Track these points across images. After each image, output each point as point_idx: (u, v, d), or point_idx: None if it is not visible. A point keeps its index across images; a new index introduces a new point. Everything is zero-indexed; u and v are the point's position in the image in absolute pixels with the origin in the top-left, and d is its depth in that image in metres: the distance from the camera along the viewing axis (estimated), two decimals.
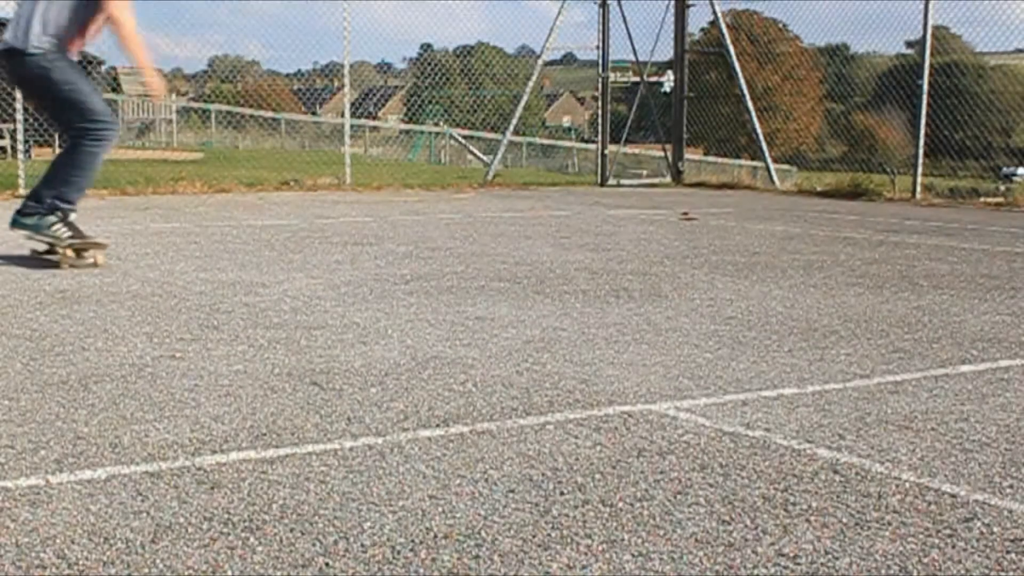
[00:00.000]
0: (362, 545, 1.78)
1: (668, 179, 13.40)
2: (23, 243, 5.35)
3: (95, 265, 5.05)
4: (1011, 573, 1.71)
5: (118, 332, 3.52)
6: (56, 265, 5.01)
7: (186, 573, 1.67)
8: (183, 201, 9.56)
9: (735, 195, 11.56)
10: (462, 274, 4.99)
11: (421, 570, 1.69)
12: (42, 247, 5.25)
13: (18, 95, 10.02)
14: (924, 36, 10.72)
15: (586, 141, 28.97)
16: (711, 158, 18.52)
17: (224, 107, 28.73)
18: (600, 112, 13.53)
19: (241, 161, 16.37)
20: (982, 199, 11.14)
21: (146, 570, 1.67)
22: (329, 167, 13.08)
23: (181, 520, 1.88)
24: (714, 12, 13.01)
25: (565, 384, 2.89)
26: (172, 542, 1.78)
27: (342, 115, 12.69)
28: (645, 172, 15.69)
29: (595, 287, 4.65)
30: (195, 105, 30.56)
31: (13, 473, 2.11)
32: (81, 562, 1.70)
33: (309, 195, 10.65)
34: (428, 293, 4.40)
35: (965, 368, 3.17)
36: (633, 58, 13.31)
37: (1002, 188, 13.80)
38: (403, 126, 27.69)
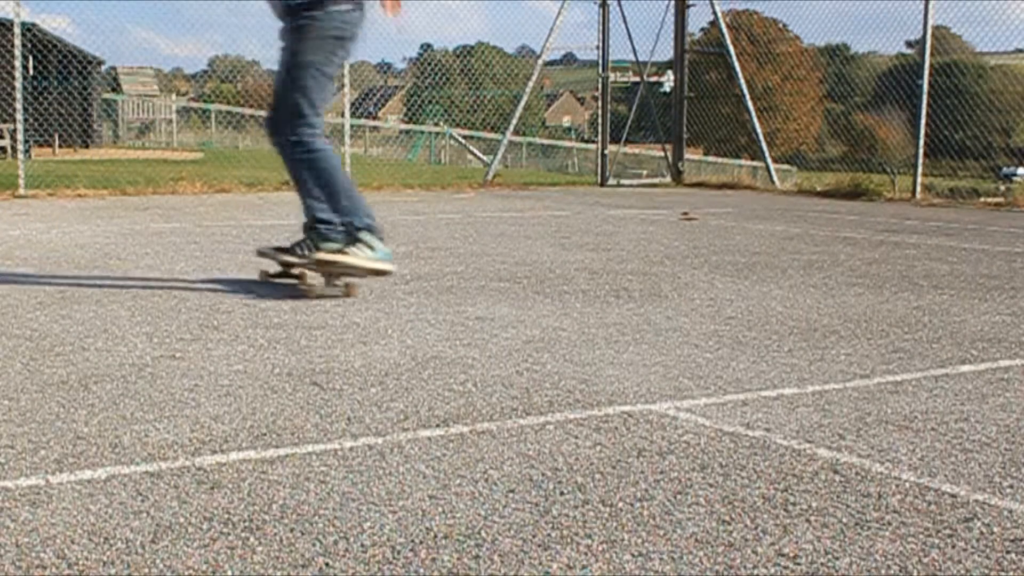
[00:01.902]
0: (362, 545, 1.78)
1: (668, 179, 13.40)
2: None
3: (347, 294, 4.32)
4: (1011, 573, 1.71)
5: (118, 332, 3.52)
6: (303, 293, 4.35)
7: (186, 573, 1.67)
8: (183, 201, 9.56)
9: (735, 195, 11.56)
10: (462, 274, 4.99)
11: (421, 570, 1.69)
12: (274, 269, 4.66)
13: (18, 95, 10.03)
14: (924, 36, 10.73)
15: (586, 141, 28.97)
16: (711, 158, 18.53)
17: (224, 107, 28.74)
18: (600, 112, 13.54)
19: (241, 161, 16.38)
20: (982, 199, 11.14)
21: (146, 570, 1.67)
22: None
23: (181, 520, 1.88)
24: (714, 12, 13.01)
25: (565, 384, 2.89)
26: (172, 542, 1.78)
27: (342, 115, 12.69)
28: (645, 172, 15.69)
29: (595, 287, 4.65)
30: (195, 105, 30.57)
31: (13, 473, 2.11)
32: (81, 562, 1.70)
33: None
34: (428, 293, 4.40)
35: (965, 368, 3.17)
36: (633, 58, 13.31)
37: (1002, 188, 13.80)
38: (403, 126, 27.70)
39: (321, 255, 4.30)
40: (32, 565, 1.68)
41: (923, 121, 10.67)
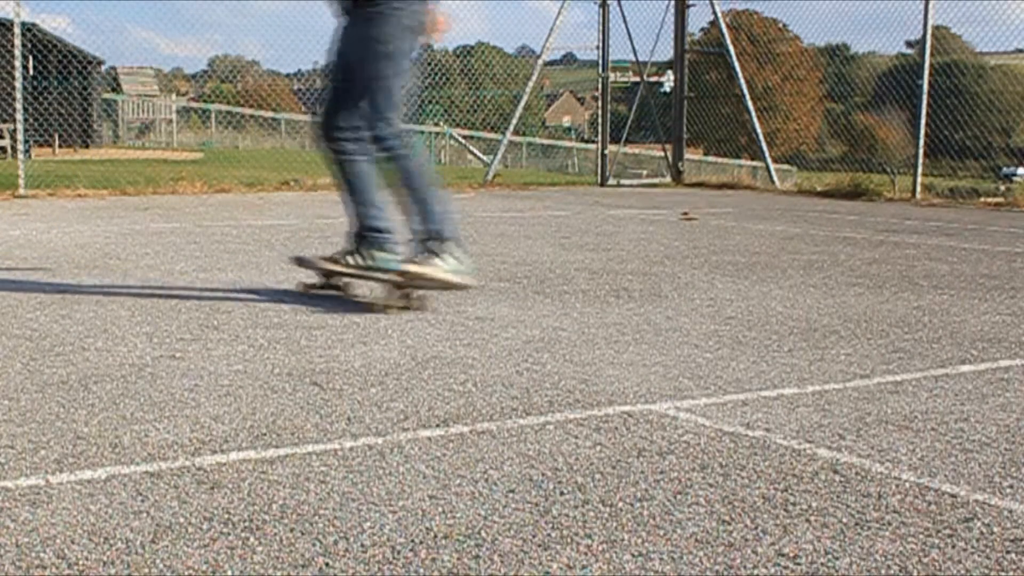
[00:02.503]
0: (362, 545, 1.78)
1: (668, 179, 13.40)
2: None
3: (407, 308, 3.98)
4: (1011, 573, 1.71)
5: (118, 332, 3.52)
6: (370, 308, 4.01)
7: (186, 573, 1.67)
8: (183, 201, 9.56)
9: (735, 195, 11.56)
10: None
11: (421, 570, 1.69)
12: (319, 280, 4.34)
13: (18, 95, 10.03)
14: (924, 36, 10.73)
15: (586, 141, 28.98)
16: (711, 158, 18.54)
17: (224, 107, 28.74)
18: (600, 112, 13.54)
19: (241, 161, 16.38)
20: (982, 199, 11.14)
21: (146, 570, 1.67)
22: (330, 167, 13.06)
23: (181, 520, 1.88)
24: (714, 12, 13.01)
25: (565, 384, 2.89)
26: (172, 542, 1.78)
27: None
28: (645, 172, 15.69)
29: (595, 287, 4.65)
30: (195, 105, 30.57)
31: (13, 473, 2.11)
32: (81, 562, 1.70)
33: (309, 195, 10.66)
34: (428, 293, 4.40)
35: (965, 368, 3.17)
36: (633, 58, 13.31)
37: (1002, 188, 13.81)
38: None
39: (408, 267, 3.98)
40: (32, 565, 1.68)
41: (923, 121, 10.67)
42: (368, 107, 3.98)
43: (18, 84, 9.96)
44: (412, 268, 3.98)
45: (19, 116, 10.12)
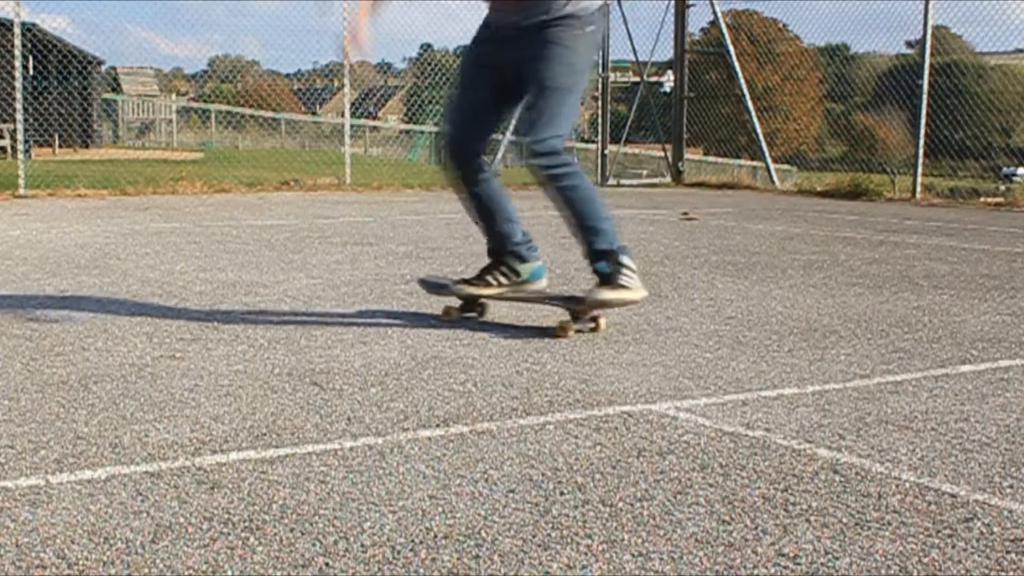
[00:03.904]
0: (362, 545, 1.78)
1: (668, 179, 13.40)
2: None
3: (596, 328, 3.72)
4: (1011, 573, 1.71)
5: (118, 332, 3.52)
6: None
7: (186, 573, 1.67)
8: (183, 201, 9.56)
9: (735, 195, 11.56)
10: (462, 274, 4.98)
11: (421, 570, 1.69)
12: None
13: (18, 95, 10.03)
14: (924, 36, 10.72)
15: (586, 141, 28.96)
16: (711, 158, 18.52)
17: (224, 107, 28.74)
18: (600, 112, 13.54)
19: (241, 161, 16.38)
20: (982, 199, 11.14)
21: (146, 570, 1.67)
22: (329, 167, 13.09)
23: (181, 520, 1.88)
24: (714, 12, 13.01)
25: (565, 384, 2.89)
26: (172, 542, 1.78)
27: (342, 115, 12.70)
28: (645, 172, 15.68)
29: None
30: (195, 105, 30.57)
31: (13, 473, 2.11)
32: (81, 562, 1.70)
33: (309, 195, 10.66)
34: (428, 293, 4.39)
35: (965, 368, 3.17)
36: (633, 58, 13.32)
37: (1002, 188, 13.80)
38: (403, 126, 27.69)
39: (599, 295, 3.67)
40: (32, 565, 1.68)
41: (923, 121, 10.67)
42: (531, 119, 3.72)
43: (18, 84, 9.96)
44: (604, 295, 3.67)
45: (19, 116, 10.13)
